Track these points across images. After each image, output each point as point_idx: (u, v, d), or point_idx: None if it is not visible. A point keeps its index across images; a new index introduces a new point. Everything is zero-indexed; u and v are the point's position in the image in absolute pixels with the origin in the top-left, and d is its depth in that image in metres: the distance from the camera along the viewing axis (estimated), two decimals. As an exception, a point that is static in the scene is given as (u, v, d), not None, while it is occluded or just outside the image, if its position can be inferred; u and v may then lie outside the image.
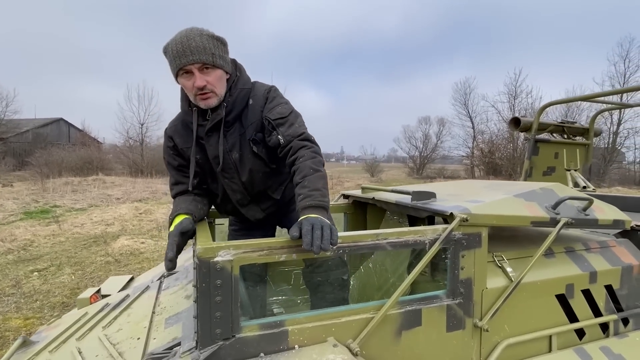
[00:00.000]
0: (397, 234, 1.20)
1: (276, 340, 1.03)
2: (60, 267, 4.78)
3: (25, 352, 1.34)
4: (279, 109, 1.41)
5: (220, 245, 0.98)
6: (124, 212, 8.77)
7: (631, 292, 1.65)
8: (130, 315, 1.37)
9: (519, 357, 1.38)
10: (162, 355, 0.98)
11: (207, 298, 0.96)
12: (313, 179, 1.22)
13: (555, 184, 1.66)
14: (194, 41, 1.24)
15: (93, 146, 23.19)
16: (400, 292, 1.16)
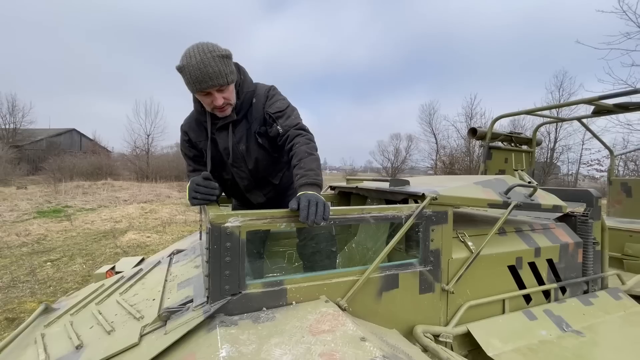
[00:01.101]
0: (378, 209, 1.23)
1: (277, 297, 1.04)
2: (72, 258, 4.60)
3: (47, 317, 1.30)
4: (278, 104, 1.44)
5: (230, 213, 1.00)
6: (131, 211, 8.53)
7: (567, 266, 1.74)
8: (145, 284, 1.35)
9: (478, 317, 1.43)
10: (176, 309, 0.98)
11: (217, 258, 0.97)
12: (308, 161, 1.25)
13: (506, 175, 1.74)
14: (211, 67, 1.22)
15: (103, 154, 22.51)
16: (380, 259, 1.19)
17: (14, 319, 2.88)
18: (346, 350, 0.79)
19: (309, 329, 0.90)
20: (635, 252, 2.35)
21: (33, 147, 23.34)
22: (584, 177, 21.65)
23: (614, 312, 1.68)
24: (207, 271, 0.97)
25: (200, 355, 0.80)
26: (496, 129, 3.35)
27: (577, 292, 1.75)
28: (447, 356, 1.06)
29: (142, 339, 0.91)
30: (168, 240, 5.60)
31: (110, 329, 1.00)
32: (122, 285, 1.39)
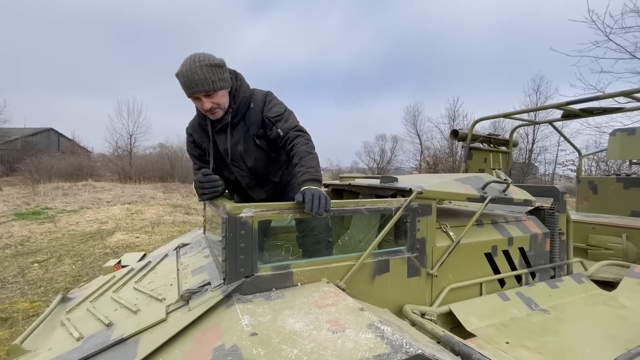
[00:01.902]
0: (371, 202, 1.40)
1: (284, 279, 1.18)
2: (60, 259, 4.56)
3: (65, 306, 1.39)
4: (276, 108, 1.57)
5: (244, 205, 1.13)
6: (117, 212, 8.42)
7: (537, 253, 1.95)
8: (157, 273, 1.47)
9: (459, 298, 1.61)
10: (196, 291, 1.11)
11: (233, 244, 1.10)
12: (308, 159, 1.41)
13: (484, 173, 1.94)
14: (197, 75, 1.36)
15: (83, 154, 21.88)
16: (373, 246, 1.35)
17: (6, 319, 2.89)
18: (348, 318, 0.95)
19: (315, 303, 1.05)
20: (598, 243, 2.62)
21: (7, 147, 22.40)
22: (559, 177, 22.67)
23: (576, 294, 1.90)
24: (224, 256, 1.11)
25: (224, 324, 0.94)
26: (477, 131, 3.59)
27: (545, 277, 1.97)
28: (431, 327, 1.23)
29: (169, 316, 1.03)
30: (157, 241, 5.61)
31: (137, 309, 1.12)
32: (134, 275, 1.50)
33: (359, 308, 1.01)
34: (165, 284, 1.29)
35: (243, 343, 0.82)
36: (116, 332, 1.02)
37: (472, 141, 3.57)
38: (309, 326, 0.91)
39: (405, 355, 0.76)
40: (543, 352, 1.30)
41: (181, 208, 10.26)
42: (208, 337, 0.91)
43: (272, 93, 1.67)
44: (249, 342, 0.82)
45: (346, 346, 0.80)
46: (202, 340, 0.91)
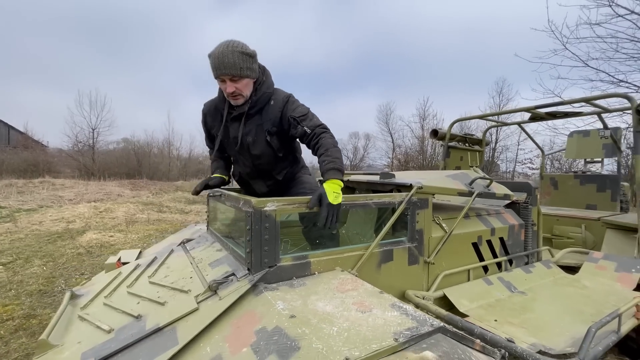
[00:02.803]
0: (378, 196, 1.51)
1: (303, 268, 1.27)
2: (28, 260, 4.28)
3: (76, 303, 1.38)
4: (300, 109, 1.64)
5: (268, 200, 1.20)
6: (83, 210, 7.96)
7: (514, 243, 2.17)
8: (170, 268, 1.49)
9: (451, 284, 1.77)
10: (222, 281, 1.16)
11: (258, 236, 1.17)
12: (334, 151, 1.50)
13: (469, 170, 2.13)
14: (227, 58, 1.44)
15: (38, 149, 20.26)
16: (381, 236, 1.47)
17: (-22, 324, 2.71)
18: (372, 300, 1.05)
19: (337, 289, 1.14)
20: (561, 233, 2.93)
21: (-53, 140, 20.26)
22: (519, 174, 24.34)
23: (546, 278, 2.14)
24: (249, 248, 1.17)
25: (259, 310, 1.00)
26: (453, 131, 3.84)
27: (520, 263, 2.20)
28: (435, 308, 1.37)
29: (200, 305, 1.08)
30: (134, 239, 5.41)
31: (164, 301, 1.15)
32: (144, 270, 1.51)
33: (378, 291, 1.12)
34: (183, 277, 1.32)
35: (285, 324, 0.89)
36: (150, 323, 1.05)
37: (450, 140, 3.82)
38: (338, 308, 1.00)
39: (431, 327, 0.88)
40: (526, 326, 1.48)
41: (153, 206, 9.89)
42: (245, 322, 0.97)
43: (293, 95, 1.73)
44: (290, 323, 0.89)
45: (377, 323, 0.91)
46: (240, 325, 0.97)
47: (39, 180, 15.52)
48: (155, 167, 22.37)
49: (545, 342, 1.32)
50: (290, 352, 0.79)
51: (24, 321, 2.78)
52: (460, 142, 4.03)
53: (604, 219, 2.72)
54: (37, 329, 2.68)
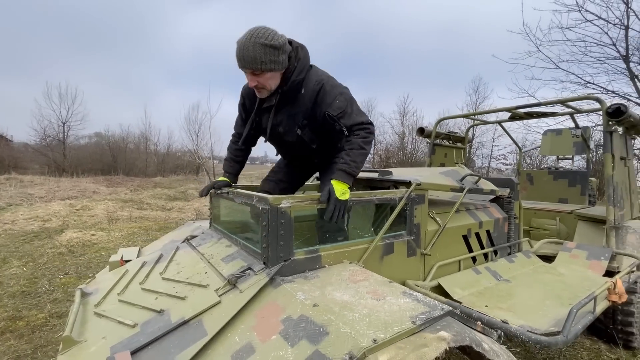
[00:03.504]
0: (380, 193, 1.60)
1: (315, 262, 1.34)
2: (5, 261, 4.10)
3: (87, 300, 1.39)
4: (337, 103, 1.47)
5: (283, 197, 1.26)
6: (58, 209, 7.62)
7: (499, 235, 2.34)
8: (180, 264, 1.51)
9: (444, 273, 1.90)
10: (240, 275, 1.21)
11: (274, 232, 1.23)
12: (357, 154, 1.46)
13: (459, 167, 2.26)
14: (248, 51, 1.35)
15: (2, 144, 19.05)
16: (384, 231, 1.56)
17: (-40, 328, 2.60)
18: (384, 289, 1.14)
19: (349, 279, 1.22)
20: (538, 225, 3.16)
21: None
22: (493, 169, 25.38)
23: (527, 267, 2.32)
24: (266, 243, 1.23)
25: (281, 301, 1.07)
26: (438, 129, 4.00)
27: (504, 253, 2.37)
28: (435, 296, 1.48)
29: (222, 298, 1.13)
30: (118, 237, 5.27)
31: (184, 296, 1.19)
32: (153, 267, 1.53)
33: (387, 281, 1.21)
34: (197, 272, 1.36)
35: (310, 313, 0.96)
36: (175, 316, 1.09)
37: (436, 138, 3.99)
38: (354, 297, 1.08)
39: (442, 311, 0.97)
40: (513, 310, 1.63)
41: (133, 203, 9.61)
42: (269, 312, 1.04)
43: (328, 81, 1.52)
44: (314, 311, 0.97)
45: (393, 309, 0.99)
46: (264, 316, 1.03)
47: (4, 177, 14.64)
48: (131, 162, 21.60)
49: (532, 324, 1.46)
50: (320, 336, 0.86)
51: (9, 323, 2.69)
52: (445, 140, 4.22)
53: (576, 211, 2.95)
54: (25, 330, 2.61)
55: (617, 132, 2.61)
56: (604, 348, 2.58)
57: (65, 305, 3.02)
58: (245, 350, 0.92)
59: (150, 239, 5.35)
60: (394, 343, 0.83)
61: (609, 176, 2.51)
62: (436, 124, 3.96)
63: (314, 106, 1.51)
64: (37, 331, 2.60)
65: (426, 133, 3.90)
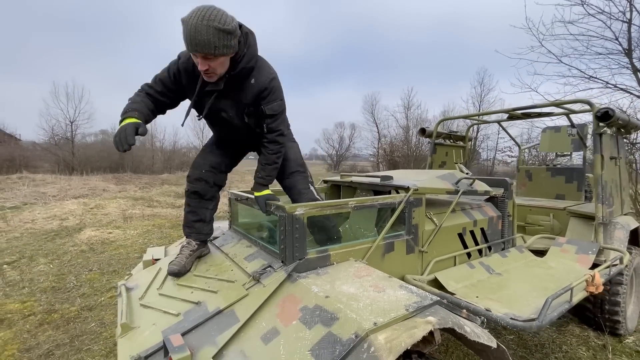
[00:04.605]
0: (382, 198, 1.81)
1: (325, 260, 1.56)
2: (32, 259, 4.40)
3: (130, 295, 1.63)
4: (275, 106, 1.61)
5: (298, 205, 1.48)
6: (74, 207, 7.95)
7: (493, 232, 2.54)
8: (208, 262, 1.75)
9: (440, 268, 2.11)
10: (262, 272, 1.44)
11: (290, 235, 1.45)
12: (270, 169, 1.75)
13: (455, 170, 2.46)
14: (200, 36, 1.29)
15: (12, 143, 19.51)
16: (385, 231, 1.78)
17: (1, 320, 2.89)
18: (384, 283, 1.36)
19: (354, 275, 1.44)
20: (533, 221, 3.35)
21: None
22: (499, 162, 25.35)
23: (520, 261, 2.53)
24: (283, 244, 1.45)
25: (298, 293, 1.30)
26: (440, 129, 4.18)
27: (498, 249, 2.58)
28: (429, 289, 1.70)
29: (249, 291, 1.36)
30: (134, 235, 5.56)
31: (216, 290, 1.42)
32: (184, 265, 1.76)
33: (387, 276, 1.43)
34: (225, 270, 1.59)
35: (323, 302, 1.19)
36: (211, 307, 1.32)
37: (437, 137, 4.17)
38: (359, 289, 1.30)
39: (431, 301, 1.19)
40: (501, 301, 1.84)
41: (143, 201, 9.92)
42: (289, 303, 1.26)
43: (277, 79, 1.61)
44: (326, 302, 1.19)
45: (391, 299, 1.22)
46: (285, 306, 1.26)
47: (17, 176, 15.09)
48: (138, 160, 22.00)
49: (516, 312, 1.68)
50: (332, 321, 1.09)
51: (46, 316, 2.98)
52: (446, 139, 4.39)
53: (568, 208, 3.14)
54: (60, 322, 2.89)
55: (606, 134, 2.78)
56: (593, 335, 2.79)
57: (93, 299, 3.30)
58: (271, 333, 1.15)
59: (164, 236, 5.63)
60: (391, 326, 1.05)
61: (598, 176, 2.69)
62: (437, 124, 4.14)
63: (258, 97, 1.58)
64: (72, 322, 2.88)
65: (427, 133, 4.08)
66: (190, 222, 1.86)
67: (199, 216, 1.86)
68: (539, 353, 2.55)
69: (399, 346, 0.97)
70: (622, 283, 2.66)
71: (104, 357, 2.41)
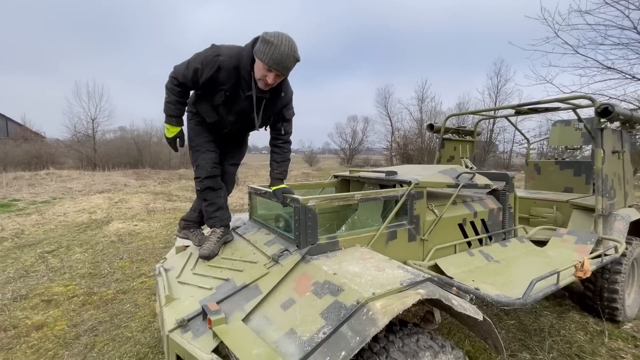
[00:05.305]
0: (385, 191, 2.04)
1: (334, 245, 1.80)
2: (69, 248, 4.84)
3: (168, 275, 1.92)
4: (291, 112, 2.08)
5: (309, 197, 1.72)
6: (100, 202, 8.48)
7: (493, 223, 2.72)
8: (232, 248, 2.02)
9: (440, 255, 2.31)
10: (280, 254, 1.69)
11: (304, 223, 1.69)
12: (286, 165, 2.14)
13: (457, 165, 2.64)
14: (288, 61, 1.68)
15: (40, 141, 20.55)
16: (388, 221, 2.00)
17: (50, 300, 3.28)
18: (385, 264, 1.59)
19: (360, 258, 1.68)
20: (537, 213, 3.49)
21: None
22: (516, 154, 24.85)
23: (519, 250, 2.70)
24: (298, 231, 1.70)
25: (310, 272, 1.54)
26: (448, 125, 4.33)
27: (499, 239, 2.76)
28: (428, 271, 1.92)
29: (269, 270, 1.62)
30: (157, 227, 5.96)
31: (242, 269, 1.69)
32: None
33: (388, 259, 1.66)
34: (248, 254, 1.86)
35: (331, 278, 1.43)
36: (238, 282, 1.59)
37: (445, 133, 4.32)
38: (362, 269, 1.54)
39: (423, 278, 1.42)
40: (495, 284, 2.04)
41: (163, 195, 10.41)
42: (303, 279, 1.52)
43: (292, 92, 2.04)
44: (334, 277, 1.43)
45: (389, 276, 1.45)
46: (300, 281, 1.51)
47: (44, 172, 15.98)
48: (156, 155, 22.77)
49: (506, 293, 1.88)
50: (338, 292, 1.33)
51: (87, 297, 3.36)
52: (454, 134, 4.54)
53: (571, 201, 3.26)
54: (100, 303, 3.25)
55: (608, 129, 2.89)
56: (592, 322, 2.95)
57: (126, 284, 3.67)
58: (289, 302, 1.40)
59: (185, 228, 6.00)
60: (387, 296, 1.29)
61: (599, 169, 2.82)
62: (445, 120, 4.29)
63: (284, 106, 2.00)
64: (110, 304, 3.24)
65: (435, 129, 4.24)
66: (211, 214, 2.15)
67: (217, 205, 2.15)
68: (538, 336, 2.73)
69: (392, 311, 1.20)
70: (621, 272, 2.80)
71: (140, 332, 2.74)
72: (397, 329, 1.39)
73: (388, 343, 1.31)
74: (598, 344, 2.62)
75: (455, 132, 4.48)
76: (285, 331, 1.25)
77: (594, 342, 2.65)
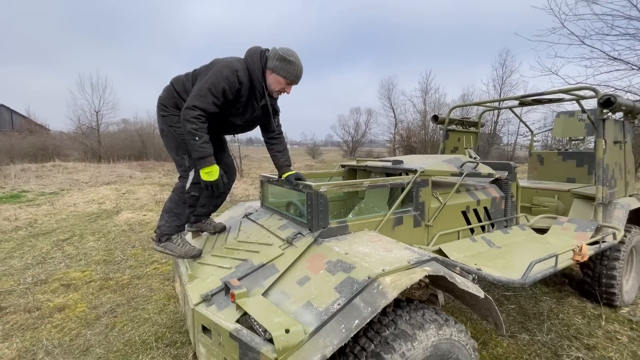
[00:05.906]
0: (392, 179, 2.14)
1: (344, 229, 1.91)
2: (82, 237, 5.01)
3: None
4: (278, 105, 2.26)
5: (321, 184, 1.83)
6: (107, 193, 8.65)
7: (496, 210, 2.82)
8: (247, 232, 2.14)
9: (444, 241, 2.42)
10: (294, 237, 1.81)
11: (316, 207, 1.81)
12: (288, 153, 2.27)
13: (461, 155, 2.74)
14: (302, 73, 2.03)
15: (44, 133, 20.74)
16: (394, 207, 2.11)
17: (69, 285, 3.44)
18: (392, 245, 1.71)
19: (368, 240, 1.79)
20: (538, 202, 3.58)
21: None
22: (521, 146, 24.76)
23: (520, 237, 2.81)
24: (310, 215, 1.81)
25: (323, 252, 1.66)
26: (452, 116, 4.40)
27: (501, 226, 2.86)
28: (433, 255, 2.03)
29: (284, 251, 1.74)
30: (166, 217, 6.11)
31: (258, 250, 1.81)
32: (228, 235, 2.17)
33: (395, 241, 1.77)
34: (262, 237, 1.98)
35: (343, 257, 1.55)
36: (256, 262, 1.71)
37: (449, 124, 4.40)
38: (372, 250, 1.65)
39: (428, 257, 1.53)
40: (496, 267, 2.15)
41: (169, 187, 10.56)
42: (316, 259, 1.63)
43: None
44: (346, 257, 1.55)
45: (397, 256, 1.56)
46: (314, 261, 1.63)
47: (51, 164, 16.18)
48: (160, 147, 22.87)
49: (506, 275, 1.99)
50: (350, 269, 1.45)
51: (104, 282, 3.51)
52: (458, 125, 4.61)
53: (572, 190, 3.35)
54: (116, 287, 3.41)
55: (610, 119, 2.96)
56: (590, 306, 3.07)
57: (140, 270, 3.82)
58: (304, 279, 1.52)
59: (193, 218, 6.15)
60: (395, 273, 1.40)
61: (600, 159, 2.90)
62: (449, 111, 4.36)
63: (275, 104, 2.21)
64: (126, 288, 3.40)
65: (440, 120, 4.32)
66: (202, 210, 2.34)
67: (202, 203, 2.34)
68: (537, 320, 2.86)
69: (400, 285, 1.32)
70: (619, 259, 2.90)
71: (157, 314, 2.89)
72: (405, 304, 1.51)
73: (396, 316, 1.43)
74: (595, 327, 2.74)
75: (459, 123, 4.55)
76: (303, 303, 1.37)
77: (591, 325, 2.77)
